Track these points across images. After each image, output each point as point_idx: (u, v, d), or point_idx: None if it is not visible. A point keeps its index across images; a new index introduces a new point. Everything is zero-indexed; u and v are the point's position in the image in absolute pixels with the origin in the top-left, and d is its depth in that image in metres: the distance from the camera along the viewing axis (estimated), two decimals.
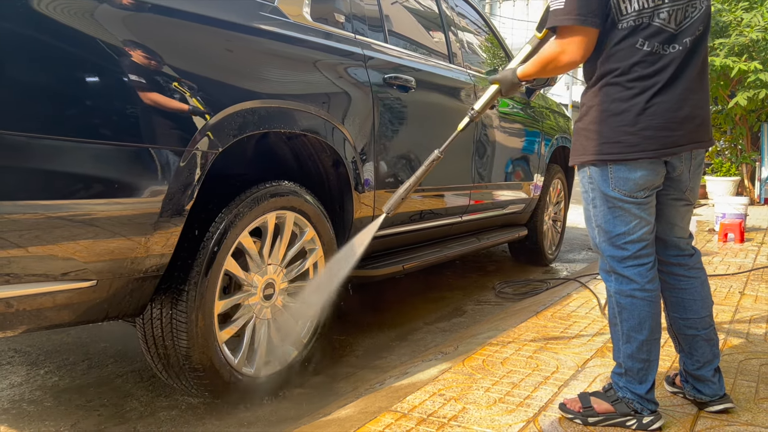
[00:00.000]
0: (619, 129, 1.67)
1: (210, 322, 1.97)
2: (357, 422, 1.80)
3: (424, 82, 2.98)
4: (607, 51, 1.68)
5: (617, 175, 1.70)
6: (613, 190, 1.71)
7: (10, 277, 1.50)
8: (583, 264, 5.02)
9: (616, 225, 1.73)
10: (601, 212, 1.76)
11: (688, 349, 1.84)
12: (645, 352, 1.74)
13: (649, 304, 1.73)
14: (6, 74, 1.45)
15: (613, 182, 1.70)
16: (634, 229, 1.72)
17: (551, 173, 4.65)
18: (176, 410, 2.15)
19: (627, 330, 1.75)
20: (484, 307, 3.60)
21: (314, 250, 2.39)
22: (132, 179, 1.70)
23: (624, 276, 1.74)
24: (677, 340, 1.87)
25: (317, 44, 2.36)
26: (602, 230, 1.77)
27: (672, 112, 1.66)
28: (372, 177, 2.63)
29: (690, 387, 1.86)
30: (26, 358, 2.55)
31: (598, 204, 1.76)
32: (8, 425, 1.99)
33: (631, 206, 1.71)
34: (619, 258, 1.75)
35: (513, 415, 1.84)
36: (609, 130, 1.68)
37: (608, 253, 1.77)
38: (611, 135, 1.68)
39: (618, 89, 1.67)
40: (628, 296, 1.74)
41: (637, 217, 1.72)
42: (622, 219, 1.72)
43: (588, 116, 1.73)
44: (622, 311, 1.76)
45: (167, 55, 1.76)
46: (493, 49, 4.46)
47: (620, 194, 1.70)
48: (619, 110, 1.67)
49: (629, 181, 1.69)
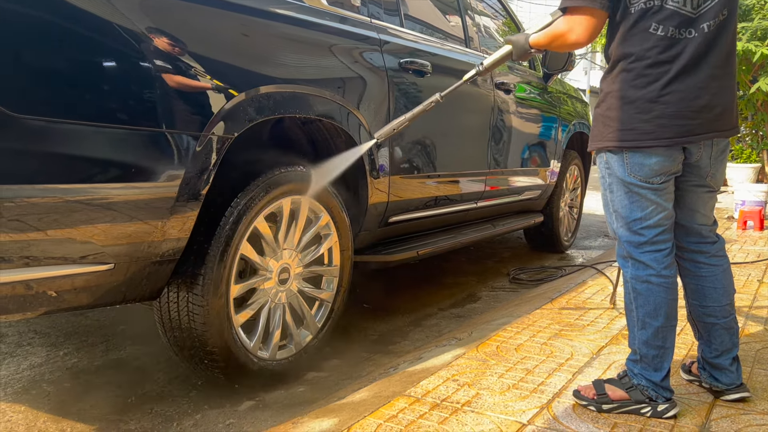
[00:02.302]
0: (633, 116, 1.65)
1: (226, 306, 1.99)
2: (371, 406, 1.81)
3: (440, 66, 2.95)
4: (623, 36, 1.66)
5: (633, 161, 1.68)
6: (630, 175, 1.70)
7: (30, 259, 1.53)
8: (600, 251, 4.98)
9: (632, 210, 1.72)
10: (618, 197, 1.75)
11: (707, 337, 1.82)
12: (660, 338, 1.73)
13: (666, 290, 1.72)
14: (24, 59, 1.46)
15: (629, 168, 1.69)
16: (650, 215, 1.71)
17: (568, 159, 4.60)
18: (193, 392, 2.18)
19: (642, 316, 1.74)
20: (499, 294, 3.60)
21: (329, 236, 2.39)
22: (149, 164, 1.71)
23: (640, 261, 1.73)
24: (696, 327, 1.86)
25: (333, 28, 2.35)
26: (619, 215, 1.76)
27: (688, 101, 1.63)
28: (387, 162, 2.62)
29: (707, 375, 1.85)
30: (46, 339, 2.60)
31: (615, 189, 1.75)
32: (29, 405, 2.03)
33: (648, 192, 1.70)
34: (635, 243, 1.74)
35: (526, 401, 1.84)
36: (624, 117, 1.66)
37: (625, 238, 1.76)
38: (626, 122, 1.66)
39: (633, 75, 1.65)
40: (644, 282, 1.73)
41: (654, 202, 1.70)
42: (639, 204, 1.71)
43: (605, 102, 1.72)
44: (637, 297, 1.75)
45: (183, 39, 1.76)
46: (510, 33, 4.41)
47: (636, 180, 1.69)
48: (633, 97, 1.65)
49: (644, 167, 1.68)
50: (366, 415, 1.74)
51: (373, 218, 2.65)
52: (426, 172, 2.94)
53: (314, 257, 2.35)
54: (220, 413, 2.04)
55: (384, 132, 2.14)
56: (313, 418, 1.83)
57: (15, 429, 1.88)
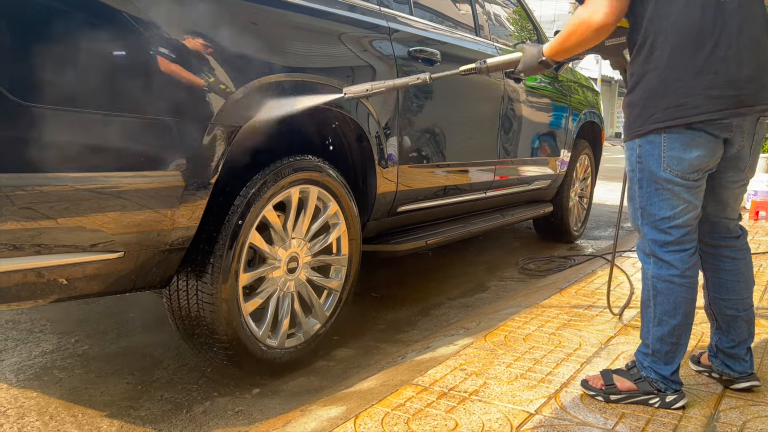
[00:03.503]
0: (678, 90, 1.53)
1: (234, 295, 2.00)
2: (379, 395, 1.82)
3: (450, 55, 2.93)
4: (654, 9, 1.55)
5: (671, 154, 1.59)
6: (665, 170, 1.60)
7: (41, 247, 1.54)
8: (609, 241, 4.96)
9: (661, 208, 1.65)
10: (646, 194, 1.67)
11: (726, 328, 1.81)
12: (676, 336, 1.70)
13: (687, 290, 1.68)
14: (34, 48, 1.46)
15: (666, 161, 1.60)
16: (680, 214, 1.64)
17: (578, 149, 4.57)
18: (202, 379, 2.19)
19: (660, 314, 1.70)
20: (508, 284, 3.59)
21: (337, 225, 2.40)
22: (158, 152, 1.71)
23: (664, 261, 1.68)
24: (715, 319, 1.84)
25: (342, 17, 2.34)
26: (646, 212, 1.68)
27: (736, 71, 1.51)
28: (395, 152, 2.62)
29: (719, 363, 1.85)
30: (57, 326, 2.62)
31: (644, 185, 1.67)
32: (41, 390, 2.06)
33: (681, 189, 1.62)
34: (661, 242, 1.68)
35: (534, 390, 1.84)
36: (666, 94, 1.55)
37: (650, 236, 1.69)
38: (670, 99, 1.55)
39: (672, 48, 1.53)
40: (666, 281, 1.68)
41: (685, 201, 1.63)
42: (669, 203, 1.64)
43: (640, 85, 1.60)
44: (657, 295, 1.70)
45: (193, 28, 1.76)
46: (521, 22, 4.37)
47: (671, 175, 1.60)
48: (676, 71, 1.53)
49: (683, 161, 1.58)
50: (374, 404, 1.75)
51: (381, 208, 2.65)
52: (435, 161, 2.93)
53: (323, 246, 2.36)
54: (230, 400, 2.06)
55: (355, 89, 2.04)
56: (321, 405, 1.84)
57: (27, 414, 1.91)
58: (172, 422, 1.91)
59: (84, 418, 1.90)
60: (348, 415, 1.69)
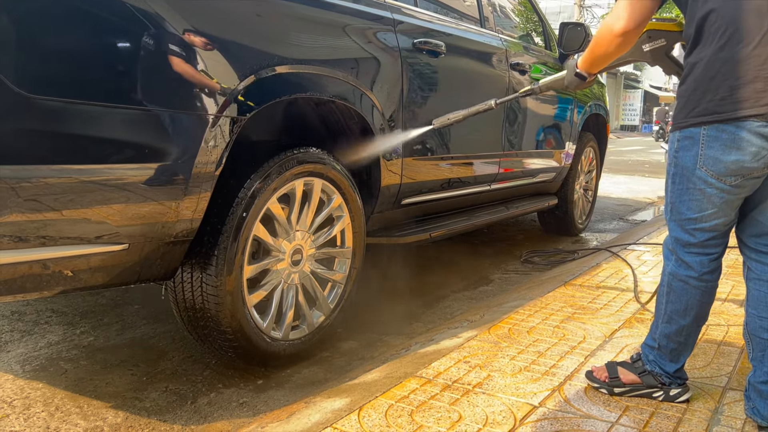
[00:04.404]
0: (723, 83, 1.45)
1: (239, 287, 2.00)
2: (382, 387, 1.83)
3: (455, 47, 2.92)
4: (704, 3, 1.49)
5: (708, 153, 1.49)
6: (701, 168, 1.52)
7: (46, 239, 1.54)
8: (614, 234, 4.95)
9: (689, 208, 1.58)
10: (678, 190, 1.60)
11: (759, 357, 1.59)
12: (683, 336, 1.68)
13: (701, 293, 1.63)
14: (39, 41, 1.46)
15: (702, 160, 1.51)
16: (708, 218, 1.56)
17: (583, 141, 4.56)
18: (207, 371, 2.20)
19: (670, 311, 1.68)
20: (512, 276, 3.59)
21: (342, 217, 2.39)
22: (162, 144, 1.71)
23: (683, 261, 1.64)
24: (750, 344, 1.62)
25: (346, 8, 2.33)
26: (675, 209, 1.62)
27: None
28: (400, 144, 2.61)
29: (750, 406, 1.62)
30: (63, 318, 2.63)
31: (677, 180, 1.60)
32: (46, 382, 2.07)
33: (714, 192, 1.52)
34: (684, 242, 1.63)
35: (538, 383, 1.84)
36: (712, 86, 1.47)
37: (675, 234, 1.65)
38: (714, 92, 1.46)
39: (719, 37, 1.45)
40: (682, 281, 1.64)
41: (715, 206, 1.54)
42: (698, 204, 1.56)
43: (690, 75, 1.52)
44: (670, 292, 1.67)
45: (197, 20, 1.75)
46: (527, 13, 4.35)
47: (707, 175, 1.51)
48: (722, 62, 1.45)
49: (720, 162, 1.48)
50: (378, 396, 1.75)
51: (385, 200, 2.65)
52: (439, 154, 2.92)
53: (327, 239, 2.36)
54: (234, 392, 2.06)
55: (441, 120, 2.47)
56: (325, 397, 1.84)
57: (33, 405, 1.92)
58: (177, 413, 1.92)
59: (89, 409, 1.91)
60: (352, 407, 1.70)
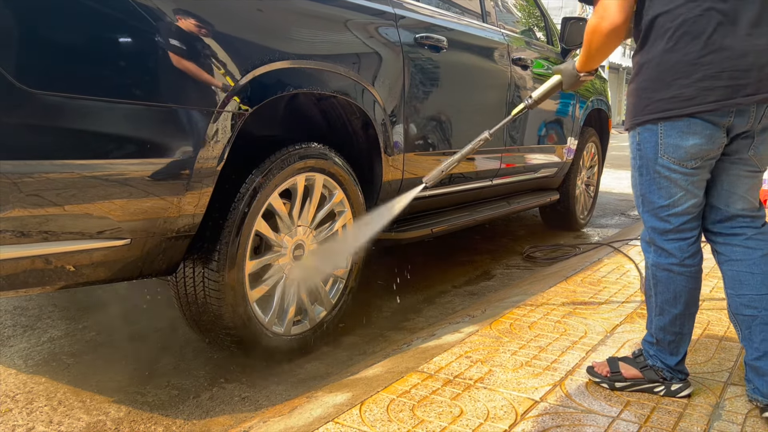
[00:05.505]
0: (673, 82, 1.52)
1: (241, 282, 2.01)
2: (384, 381, 1.83)
3: (457, 41, 2.92)
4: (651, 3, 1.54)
5: (667, 141, 1.57)
6: (662, 157, 1.59)
7: (48, 234, 1.54)
8: (616, 229, 4.95)
9: (660, 196, 1.64)
10: (646, 181, 1.66)
11: (748, 334, 1.63)
12: (678, 325, 1.70)
13: (687, 279, 1.66)
14: (41, 36, 1.46)
15: (663, 149, 1.58)
16: (679, 202, 1.62)
17: (585, 136, 4.55)
18: (209, 365, 2.21)
19: (660, 303, 1.70)
20: (513, 272, 3.59)
21: (343, 213, 2.40)
22: (164, 139, 1.71)
23: (663, 249, 1.67)
24: (737, 324, 1.67)
25: (348, 3, 2.32)
26: (646, 200, 1.68)
27: (733, 60, 1.47)
28: (401, 139, 2.61)
29: (751, 387, 1.65)
30: (65, 313, 2.64)
31: (643, 172, 1.66)
32: (49, 376, 2.08)
33: (679, 177, 1.59)
34: (660, 230, 1.66)
35: (539, 378, 1.84)
36: (662, 86, 1.54)
37: (650, 224, 1.69)
38: (665, 90, 1.54)
39: (668, 39, 1.52)
40: (665, 270, 1.67)
41: (683, 189, 1.61)
42: (668, 190, 1.62)
43: (640, 74, 1.59)
44: (657, 284, 1.70)
45: (198, 15, 1.75)
46: (529, 8, 4.34)
47: (669, 162, 1.59)
48: (671, 62, 1.52)
49: (680, 148, 1.56)
50: (379, 390, 1.76)
51: (387, 195, 2.65)
52: (441, 149, 2.92)
53: (328, 234, 2.36)
54: (236, 386, 2.07)
55: (433, 175, 2.17)
56: (326, 392, 1.85)
57: (36, 399, 1.93)
58: (179, 408, 1.92)
59: (92, 404, 1.92)
60: (354, 402, 1.70)
